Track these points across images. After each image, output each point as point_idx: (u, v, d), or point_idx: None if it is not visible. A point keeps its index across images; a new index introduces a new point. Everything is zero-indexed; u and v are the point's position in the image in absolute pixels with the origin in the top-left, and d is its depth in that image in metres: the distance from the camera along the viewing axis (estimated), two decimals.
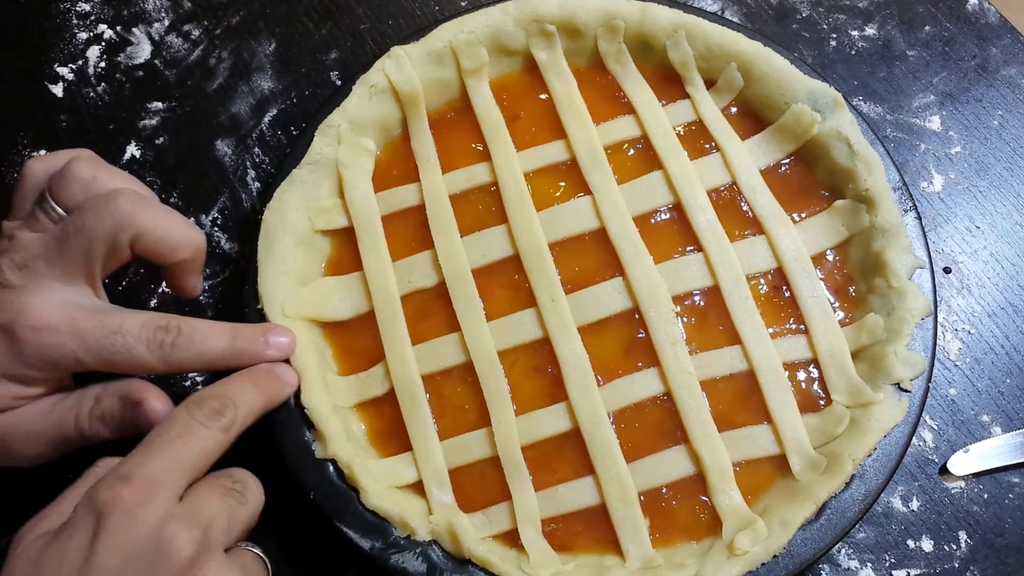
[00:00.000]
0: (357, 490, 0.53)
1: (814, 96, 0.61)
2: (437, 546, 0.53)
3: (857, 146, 0.59)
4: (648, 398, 0.56)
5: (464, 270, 0.59)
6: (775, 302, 0.59)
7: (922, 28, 0.73)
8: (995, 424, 0.60)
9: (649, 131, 0.62)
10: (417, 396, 0.57)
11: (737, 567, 0.51)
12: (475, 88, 0.65)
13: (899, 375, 0.54)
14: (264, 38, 0.73)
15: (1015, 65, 0.71)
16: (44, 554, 0.40)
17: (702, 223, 0.60)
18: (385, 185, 0.63)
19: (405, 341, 0.58)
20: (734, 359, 0.57)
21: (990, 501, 0.59)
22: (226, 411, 0.47)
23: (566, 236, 0.60)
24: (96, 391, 0.51)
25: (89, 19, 0.74)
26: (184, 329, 0.50)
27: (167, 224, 0.51)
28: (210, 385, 0.49)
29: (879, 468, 0.53)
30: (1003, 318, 0.64)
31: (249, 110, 0.71)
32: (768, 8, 0.73)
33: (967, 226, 0.66)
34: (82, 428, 0.50)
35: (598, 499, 0.55)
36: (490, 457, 0.56)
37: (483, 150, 0.63)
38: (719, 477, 0.54)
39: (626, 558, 0.53)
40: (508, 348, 0.58)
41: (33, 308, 0.48)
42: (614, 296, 0.58)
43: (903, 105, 0.70)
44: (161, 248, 0.51)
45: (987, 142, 0.69)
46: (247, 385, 0.50)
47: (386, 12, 0.74)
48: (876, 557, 0.57)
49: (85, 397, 0.51)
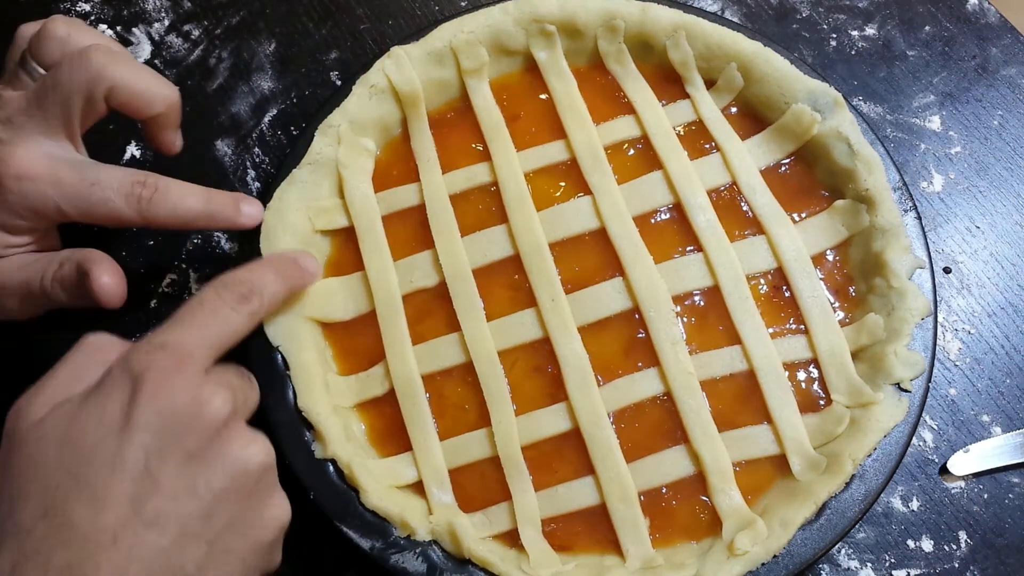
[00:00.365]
0: (357, 490, 0.53)
1: (814, 96, 0.61)
2: (437, 546, 0.53)
3: (857, 146, 0.59)
4: (648, 398, 0.56)
5: (464, 270, 0.59)
6: (775, 302, 0.59)
7: (922, 28, 0.73)
8: (995, 424, 0.60)
9: (649, 131, 0.62)
10: (417, 396, 0.57)
11: (737, 567, 0.51)
12: (475, 88, 0.64)
13: (899, 375, 0.54)
14: (264, 38, 0.73)
15: (1015, 65, 0.71)
16: (80, 413, 0.41)
17: (702, 223, 0.60)
18: (385, 185, 0.63)
19: (406, 341, 0.58)
20: (734, 359, 0.57)
21: (990, 501, 0.59)
22: (253, 298, 0.49)
23: (566, 236, 0.60)
24: (63, 256, 0.53)
25: (89, 19, 0.74)
26: (160, 186, 0.53)
27: (140, 78, 0.53)
28: (237, 269, 0.50)
29: (879, 468, 0.53)
30: (1003, 318, 0.64)
31: (249, 110, 0.71)
32: (768, 8, 0.73)
33: (967, 226, 0.66)
34: (44, 288, 0.53)
35: (598, 499, 0.55)
36: (490, 457, 0.56)
37: (483, 150, 0.63)
38: (719, 477, 0.54)
39: (626, 558, 0.53)
40: (508, 348, 0.58)
41: (16, 159, 0.50)
42: (614, 296, 0.58)
43: (903, 105, 0.70)
44: (136, 101, 0.53)
45: (987, 142, 0.69)
46: (272, 276, 0.52)
47: (386, 12, 0.74)
48: (876, 557, 0.57)
49: (52, 260, 0.53)
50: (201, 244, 0.66)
